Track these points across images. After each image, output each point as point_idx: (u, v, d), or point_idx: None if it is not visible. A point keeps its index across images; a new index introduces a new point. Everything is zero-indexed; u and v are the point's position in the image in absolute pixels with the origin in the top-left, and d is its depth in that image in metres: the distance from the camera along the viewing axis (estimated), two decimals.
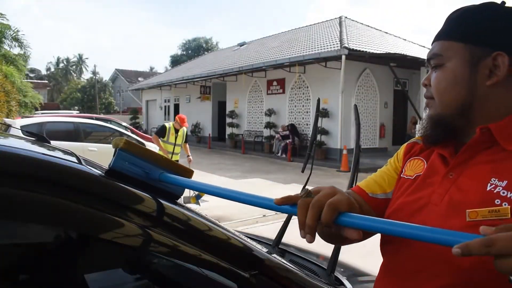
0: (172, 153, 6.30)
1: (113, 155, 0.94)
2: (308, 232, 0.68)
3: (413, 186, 0.87)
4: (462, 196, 0.75)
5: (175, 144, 6.33)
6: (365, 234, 0.80)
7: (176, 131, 6.36)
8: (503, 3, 0.80)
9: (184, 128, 6.51)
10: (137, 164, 0.96)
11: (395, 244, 0.83)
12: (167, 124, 6.45)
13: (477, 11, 0.78)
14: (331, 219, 0.68)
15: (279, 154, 14.28)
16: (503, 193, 0.70)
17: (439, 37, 0.83)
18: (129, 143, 0.95)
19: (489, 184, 0.72)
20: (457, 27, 0.80)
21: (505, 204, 0.69)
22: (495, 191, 0.71)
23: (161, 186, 1.01)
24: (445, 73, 0.79)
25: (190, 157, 6.56)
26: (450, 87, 0.78)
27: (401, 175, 0.93)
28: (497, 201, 0.70)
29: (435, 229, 0.62)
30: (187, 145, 6.67)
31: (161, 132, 6.39)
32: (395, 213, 0.86)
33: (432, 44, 0.84)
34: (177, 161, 5.74)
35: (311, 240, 0.68)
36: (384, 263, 0.90)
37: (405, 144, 0.99)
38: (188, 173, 1.07)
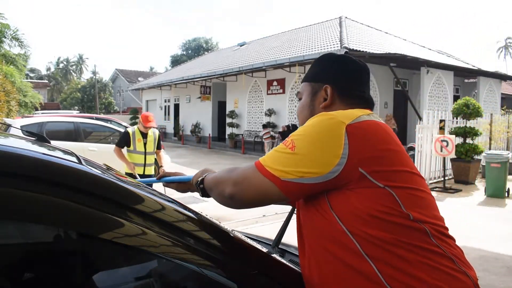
0: (144, 165, 4.86)
1: None
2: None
3: None
4: None
5: (145, 153, 4.86)
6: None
7: (144, 135, 4.86)
8: (346, 52, 1.01)
9: (155, 131, 5.06)
10: None
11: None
12: (130, 129, 4.93)
13: (318, 60, 1.21)
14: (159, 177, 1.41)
15: None
16: None
17: (302, 80, 1.24)
18: None
19: None
20: (308, 72, 1.22)
21: None
22: None
23: None
24: (301, 102, 1.21)
25: (163, 168, 5.03)
26: (302, 111, 1.19)
27: None
28: None
29: None
30: (161, 153, 5.14)
31: (124, 140, 4.85)
32: None
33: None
34: (150, 175, 4.89)
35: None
36: None
37: None
38: None
